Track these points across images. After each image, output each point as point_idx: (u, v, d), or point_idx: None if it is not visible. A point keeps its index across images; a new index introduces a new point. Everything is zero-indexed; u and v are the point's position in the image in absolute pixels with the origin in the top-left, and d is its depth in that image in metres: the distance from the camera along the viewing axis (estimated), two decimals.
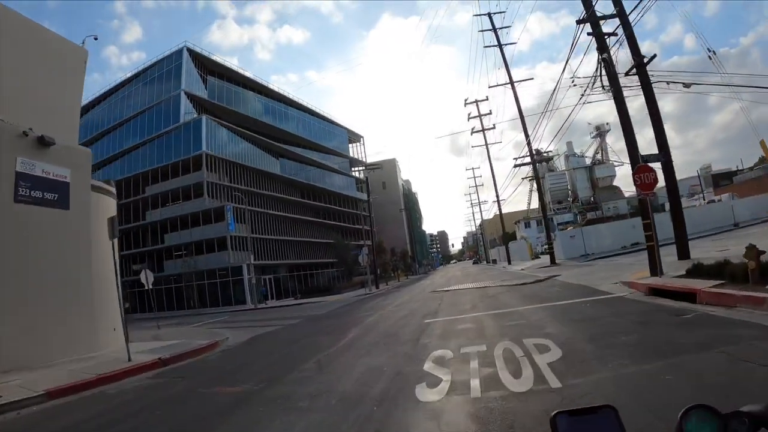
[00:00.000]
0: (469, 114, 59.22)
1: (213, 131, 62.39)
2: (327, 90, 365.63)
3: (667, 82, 19.94)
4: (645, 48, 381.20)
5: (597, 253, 38.32)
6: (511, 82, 38.60)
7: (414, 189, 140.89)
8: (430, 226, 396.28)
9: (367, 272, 52.35)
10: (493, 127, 57.68)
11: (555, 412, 1.10)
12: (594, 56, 18.47)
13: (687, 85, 19.79)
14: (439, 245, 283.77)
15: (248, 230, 53.25)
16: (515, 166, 39.34)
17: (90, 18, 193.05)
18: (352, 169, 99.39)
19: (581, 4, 18.30)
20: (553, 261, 35.99)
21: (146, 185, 63.81)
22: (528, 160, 38.82)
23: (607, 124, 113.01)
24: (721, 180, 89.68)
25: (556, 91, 28.97)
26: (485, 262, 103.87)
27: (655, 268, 15.64)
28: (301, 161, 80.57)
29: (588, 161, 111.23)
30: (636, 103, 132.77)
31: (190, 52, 65.99)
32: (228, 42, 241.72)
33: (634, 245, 38.17)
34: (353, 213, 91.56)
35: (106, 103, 71.18)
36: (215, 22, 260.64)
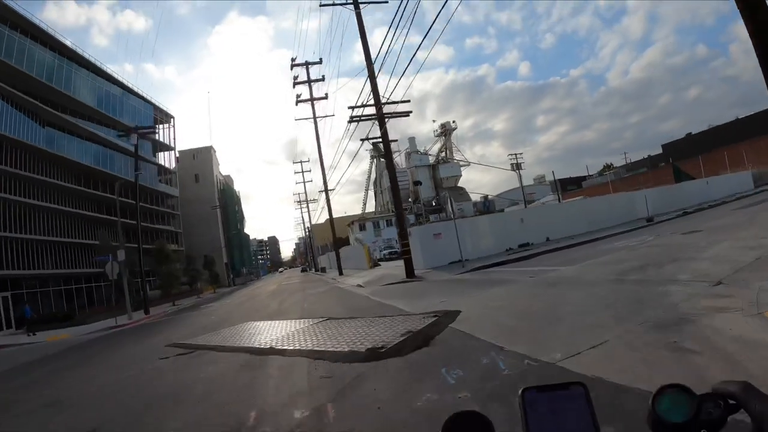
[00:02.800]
0: (295, 78, 44.81)
1: None
2: (166, 84, 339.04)
3: None
4: (483, 70, 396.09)
5: (474, 258, 26.13)
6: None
7: (238, 188, 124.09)
8: (260, 232, 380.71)
9: (125, 290, 35.75)
10: (325, 97, 43.25)
11: (523, 387, 1.06)
12: None
13: None
14: (268, 252, 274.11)
15: None
16: (351, 121, 25.17)
17: None
18: (156, 154, 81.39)
19: None
20: (410, 272, 22.42)
21: None
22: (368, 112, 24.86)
23: (453, 122, 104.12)
24: (568, 185, 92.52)
25: None
26: (314, 270, 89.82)
27: None
28: (86, 138, 62.11)
29: (431, 159, 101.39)
30: None
31: None
32: (64, 21, 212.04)
33: (524, 247, 28.14)
34: (155, 210, 74.26)
35: None
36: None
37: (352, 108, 24.88)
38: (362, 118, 24.96)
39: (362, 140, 26.55)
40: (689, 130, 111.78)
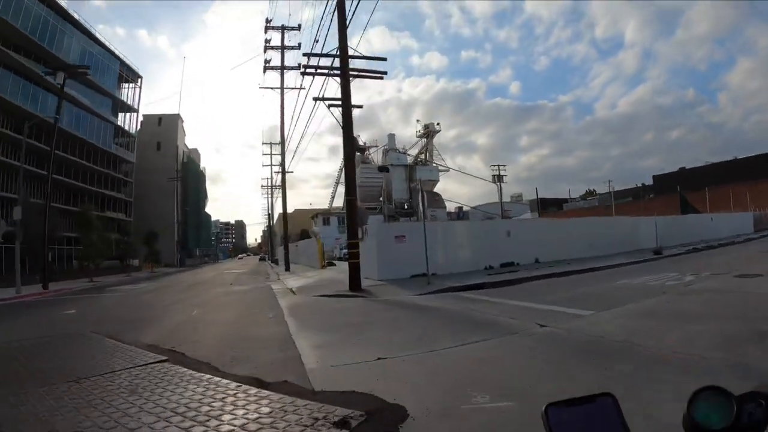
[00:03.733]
0: (267, 42, 39.04)
1: None
2: (157, 53, 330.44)
3: None
4: (474, 84, 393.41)
5: (445, 273, 20.46)
6: None
7: (209, 166, 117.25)
8: (232, 216, 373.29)
9: (17, 257, 29.25)
10: (297, 67, 37.39)
11: (547, 404, 0.98)
12: None
13: None
14: (234, 236, 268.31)
15: None
16: (306, 73, 19.33)
17: None
18: (117, 114, 74.50)
19: None
20: (355, 284, 16.67)
21: None
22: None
23: (438, 124, 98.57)
24: (549, 205, 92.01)
25: None
26: (270, 260, 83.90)
27: None
28: (34, 81, 53.64)
29: (409, 160, 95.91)
30: None
31: None
32: None
33: (508, 267, 22.48)
34: (106, 173, 67.42)
35: None
36: None
37: (308, 56, 19.04)
38: (319, 70, 19.06)
39: (316, 99, 20.24)
40: (666, 169, 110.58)
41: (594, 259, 23.17)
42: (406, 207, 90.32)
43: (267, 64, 39.13)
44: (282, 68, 39.59)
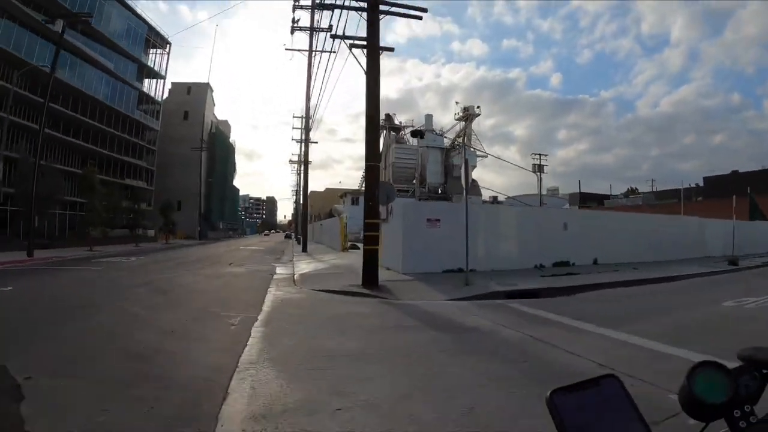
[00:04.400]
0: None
1: None
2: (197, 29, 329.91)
3: None
4: (515, 74, 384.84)
5: (487, 270, 16.77)
6: None
7: (239, 139, 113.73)
8: (262, 191, 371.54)
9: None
10: (329, 29, 33.06)
11: (551, 390, 0.94)
12: None
13: None
14: (265, 212, 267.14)
15: None
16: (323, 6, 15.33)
17: None
18: (143, 81, 71.10)
19: None
20: (371, 278, 12.81)
21: None
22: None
23: (478, 107, 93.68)
24: (588, 200, 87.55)
25: None
26: (295, 238, 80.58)
27: None
28: (49, 40, 49.60)
29: (446, 142, 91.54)
30: None
31: None
32: None
33: (563, 267, 18.98)
34: (127, 139, 64.48)
35: None
36: None
37: None
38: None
39: (334, 36, 15.99)
40: (706, 173, 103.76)
41: (661, 265, 19.62)
42: (440, 191, 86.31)
43: (295, 25, 35.24)
44: (311, 29, 35.70)
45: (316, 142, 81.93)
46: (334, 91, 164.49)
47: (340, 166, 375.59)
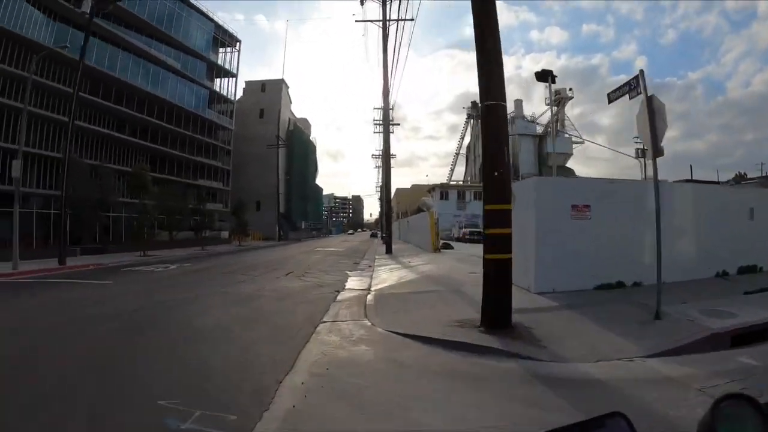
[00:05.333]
0: None
1: None
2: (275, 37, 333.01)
3: None
4: (597, 60, 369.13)
5: (652, 284, 8.81)
6: None
7: (313, 135, 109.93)
8: (348, 191, 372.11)
9: (15, 224, 22.21)
10: None
11: (548, 430, 0.91)
12: None
13: None
14: (351, 212, 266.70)
15: None
16: None
17: None
18: (215, 80, 68.38)
19: None
20: (499, 312, 7.27)
21: None
22: None
23: (570, 89, 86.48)
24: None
25: None
26: (382, 236, 75.83)
27: None
28: (124, 47, 48.91)
29: (539, 129, 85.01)
30: None
31: None
32: None
33: (751, 275, 13.00)
34: (199, 139, 61.68)
35: None
36: None
37: None
38: None
39: None
40: None
41: None
42: None
43: None
44: None
45: (398, 124, 77.45)
46: (416, 88, 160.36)
47: (425, 163, 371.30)
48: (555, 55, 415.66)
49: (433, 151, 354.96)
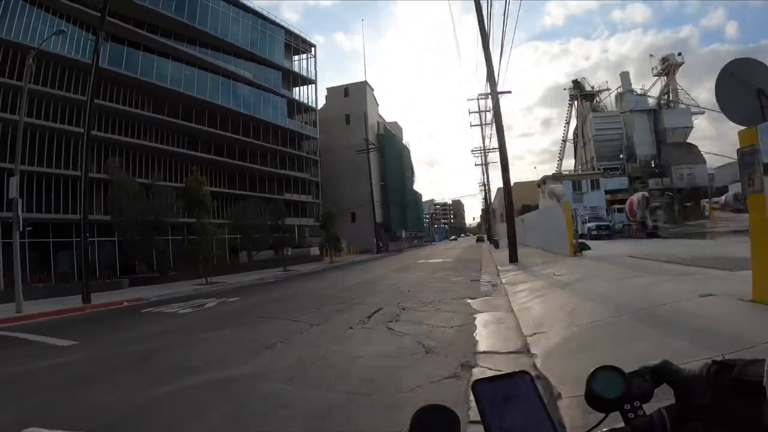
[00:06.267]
0: None
1: None
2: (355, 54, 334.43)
3: None
4: (685, 32, 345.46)
5: None
6: None
7: (406, 140, 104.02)
8: (447, 196, 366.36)
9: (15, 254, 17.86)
10: None
11: (474, 380, 1.08)
12: None
13: None
14: (453, 216, 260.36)
15: None
16: None
17: None
18: (293, 89, 64.17)
19: None
20: None
21: None
22: None
23: (679, 54, 76.95)
24: None
25: None
26: (489, 241, 69.07)
27: None
28: (199, 65, 47.21)
29: (651, 103, 75.82)
30: None
31: None
32: None
33: None
34: (282, 151, 57.68)
35: None
36: None
37: None
38: None
39: None
40: None
41: None
42: (654, 164, 70.90)
43: None
44: None
45: (510, 92, 69.47)
46: (504, 84, 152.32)
47: (521, 162, 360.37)
48: (641, 33, 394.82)
49: (528, 149, 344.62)
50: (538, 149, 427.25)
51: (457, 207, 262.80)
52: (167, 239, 33.82)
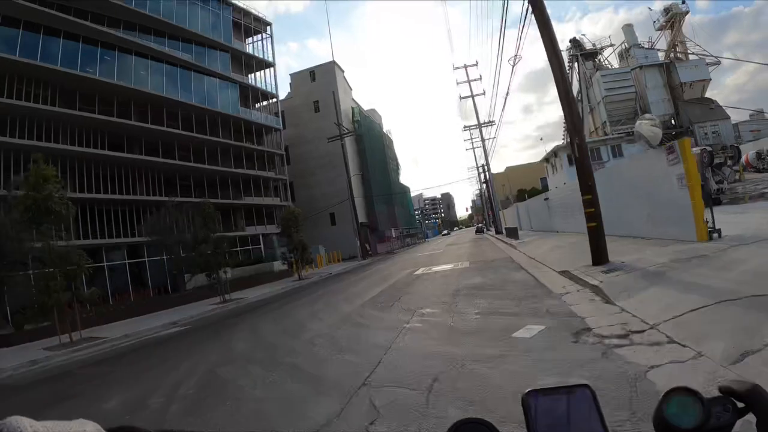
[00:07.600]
0: None
1: None
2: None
3: None
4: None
5: None
6: None
7: (387, 126, 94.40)
8: (431, 190, 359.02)
9: None
10: None
11: (527, 390, 0.99)
12: None
13: None
14: (443, 210, 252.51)
15: None
16: None
17: None
18: (249, 76, 54.34)
19: None
20: None
21: None
22: None
23: (683, 2, 68.16)
24: None
25: None
26: (493, 230, 59.12)
27: None
28: (121, 48, 37.05)
29: (661, 56, 67.20)
30: None
31: None
32: None
33: None
34: (240, 146, 48.19)
35: None
36: None
37: None
38: None
39: None
40: None
41: None
42: (673, 123, 61.77)
43: None
44: None
45: (493, 122, 60.30)
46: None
47: (505, 149, 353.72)
48: (613, 11, 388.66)
49: (511, 136, 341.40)
50: (520, 135, 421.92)
51: (446, 200, 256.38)
52: (27, 274, 20.17)
